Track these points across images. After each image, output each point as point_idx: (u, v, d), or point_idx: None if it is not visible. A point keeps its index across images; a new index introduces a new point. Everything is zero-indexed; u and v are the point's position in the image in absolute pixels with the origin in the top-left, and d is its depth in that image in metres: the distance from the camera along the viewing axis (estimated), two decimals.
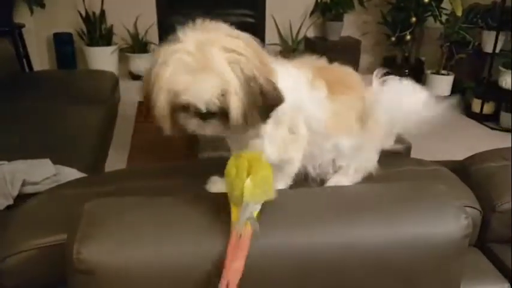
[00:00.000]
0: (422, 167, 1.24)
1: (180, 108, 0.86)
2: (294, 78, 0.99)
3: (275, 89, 0.89)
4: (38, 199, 1.05)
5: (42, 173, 1.72)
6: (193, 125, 0.88)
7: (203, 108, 0.84)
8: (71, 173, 1.78)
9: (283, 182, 1.06)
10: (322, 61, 1.13)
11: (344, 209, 0.89)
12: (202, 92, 0.82)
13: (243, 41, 0.87)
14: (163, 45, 0.87)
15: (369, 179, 1.09)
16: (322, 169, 1.14)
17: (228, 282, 0.73)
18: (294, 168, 1.06)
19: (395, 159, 1.12)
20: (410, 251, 0.88)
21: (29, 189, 1.67)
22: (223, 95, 0.83)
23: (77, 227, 0.77)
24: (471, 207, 1.13)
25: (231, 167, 0.85)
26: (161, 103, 0.84)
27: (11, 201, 1.62)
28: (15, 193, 1.63)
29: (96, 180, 1.23)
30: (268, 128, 0.97)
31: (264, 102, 0.87)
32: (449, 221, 0.90)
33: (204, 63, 0.82)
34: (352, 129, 1.10)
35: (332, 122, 1.06)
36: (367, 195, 0.93)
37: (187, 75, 0.82)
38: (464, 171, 1.27)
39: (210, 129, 0.89)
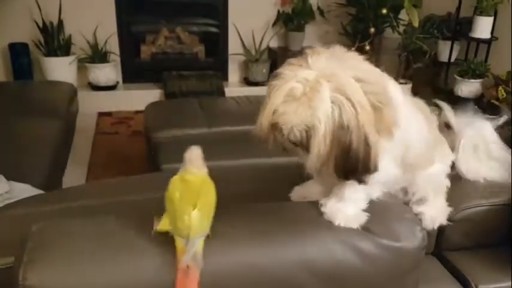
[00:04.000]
0: None
1: (277, 129, 0.89)
2: (413, 117, 1.00)
3: (367, 153, 0.84)
4: None
5: None
6: (284, 143, 0.90)
7: (286, 134, 0.86)
8: (25, 190, 1.72)
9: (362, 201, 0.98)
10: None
11: (297, 224, 0.89)
12: (290, 119, 0.84)
13: (370, 88, 0.84)
14: (292, 64, 0.89)
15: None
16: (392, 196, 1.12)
17: None
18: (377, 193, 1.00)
19: None
20: (366, 266, 0.88)
21: None
22: (308, 131, 0.84)
23: (24, 250, 0.73)
24: None
25: (173, 190, 0.80)
26: (263, 118, 0.88)
27: None
28: None
29: (50, 198, 1.19)
30: (395, 151, 0.95)
31: (346, 160, 0.84)
32: (404, 235, 0.91)
33: (309, 95, 0.82)
34: (432, 161, 1.12)
35: (427, 153, 1.08)
36: (315, 212, 0.93)
37: (290, 101, 0.84)
38: None
39: (298, 154, 0.91)
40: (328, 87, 0.82)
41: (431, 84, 3.97)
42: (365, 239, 0.88)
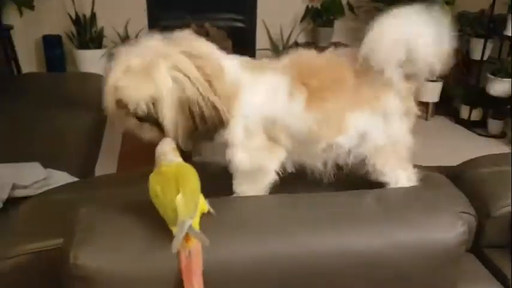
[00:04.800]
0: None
1: (122, 106, 0.92)
2: (268, 91, 1.00)
3: (218, 114, 0.92)
4: (30, 204, 1.04)
5: (32, 176, 1.69)
6: (131, 124, 0.95)
7: (132, 109, 0.89)
8: (62, 177, 1.76)
9: (254, 191, 1.04)
10: (310, 54, 1.09)
11: (338, 215, 0.89)
12: (134, 93, 0.88)
13: (200, 62, 0.92)
14: (128, 45, 0.94)
15: (363, 183, 1.09)
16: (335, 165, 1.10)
17: None
18: (268, 178, 1.04)
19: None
20: (405, 258, 0.88)
21: (18, 192, 1.65)
22: (154, 103, 0.89)
23: (73, 232, 0.75)
24: (466, 213, 1.14)
25: (154, 185, 0.82)
26: (108, 98, 0.91)
27: (0, 205, 1.59)
28: (5, 196, 1.60)
29: (87, 185, 1.22)
30: (239, 136, 0.99)
31: (204, 124, 0.92)
32: (446, 228, 0.90)
33: (148, 70, 0.88)
34: (351, 123, 1.05)
35: (320, 127, 1.03)
36: (363, 201, 0.93)
37: (129, 76, 0.88)
38: (458, 177, 1.28)
39: (146, 132, 0.95)
40: (165, 64, 0.88)
41: (463, 82, 3.90)
42: (403, 229, 0.88)
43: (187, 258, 0.73)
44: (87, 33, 3.79)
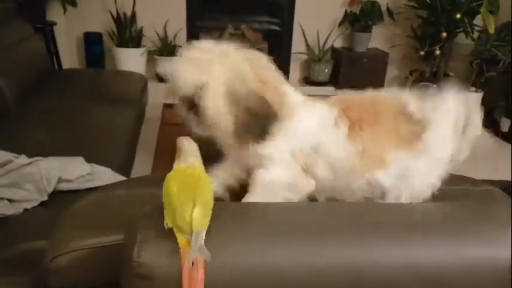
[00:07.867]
0: (475, 187, 1.21)
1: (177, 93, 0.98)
2: (317, 119, 1.02)
3: (268, 107, 0.95)
4: (87, 200, 1.04)
5: (76, 171, 1.72)
6: (183, 111, 0.99)
7: (182, 93, 0.95)
8: (105, 173, 1.78)
9: None
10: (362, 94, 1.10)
11: (403, 227, 0.86)
12: (185, 76, 0.94)
13: (257, 70, 0.97)
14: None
15: None
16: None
17: None
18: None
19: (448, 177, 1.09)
20: (469, 274, 0.85)
21: (63, 186, 1.68)
22: (201, 89, 0.93)
23: (137, 229, 0.75)
24: None
25: (172, 182, 0.77)
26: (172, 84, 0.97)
27: (45, 198, 1.62)
28: (50, 190, 1.64)
29: (141, 182, 1.22)
30: (282, 153, 1.00)
31: (256, 120, 0.95)
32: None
33: (204, 61, 0.95)
34: (392, 160, 1.04)
35: (362, 159, 1.02)
36: (427, 214, 0.91)
37: (187, 63, 0.95)
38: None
39: (194, 121, 0.98)
40: (222, 60, 0.95)
41: (504, 93, 3.79)
42: (472, 244, 0.85)
43: (190, 269, 0.70)
44: (127, 32, 3.85)
